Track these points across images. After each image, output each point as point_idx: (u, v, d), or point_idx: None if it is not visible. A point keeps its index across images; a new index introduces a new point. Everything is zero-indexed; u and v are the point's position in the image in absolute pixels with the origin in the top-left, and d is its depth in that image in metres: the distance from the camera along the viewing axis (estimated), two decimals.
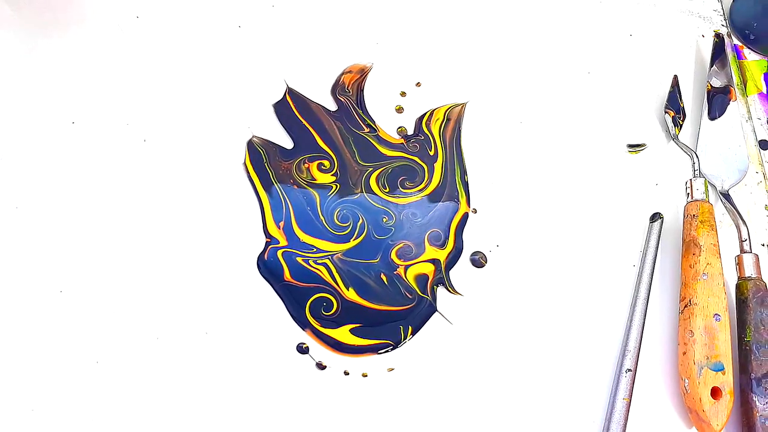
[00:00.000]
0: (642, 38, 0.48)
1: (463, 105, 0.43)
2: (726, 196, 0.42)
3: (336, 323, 0.36)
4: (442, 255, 0.39)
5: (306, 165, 0.40)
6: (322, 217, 0.38)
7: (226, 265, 0.37)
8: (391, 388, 0.35)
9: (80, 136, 0.39)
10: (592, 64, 0.46)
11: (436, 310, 0.37)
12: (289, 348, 0.35)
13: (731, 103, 0.45)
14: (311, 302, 0.36)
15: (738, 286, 0.38)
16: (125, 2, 0.43)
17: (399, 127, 0.42)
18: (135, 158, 0.39)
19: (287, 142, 0.40)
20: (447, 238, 0.39)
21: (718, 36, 0.47)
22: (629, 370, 0.36)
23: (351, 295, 0.37)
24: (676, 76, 0.46)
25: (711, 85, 0.45)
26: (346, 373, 0.35)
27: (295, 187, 0.39)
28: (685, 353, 0.36)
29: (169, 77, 0.41)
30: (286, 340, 0.35)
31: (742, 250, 0.39)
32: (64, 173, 0.38)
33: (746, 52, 0.48)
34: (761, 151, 0.44)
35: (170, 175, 0.38)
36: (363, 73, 0.43)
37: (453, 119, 0.43)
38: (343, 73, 0.43)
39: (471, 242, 0.39)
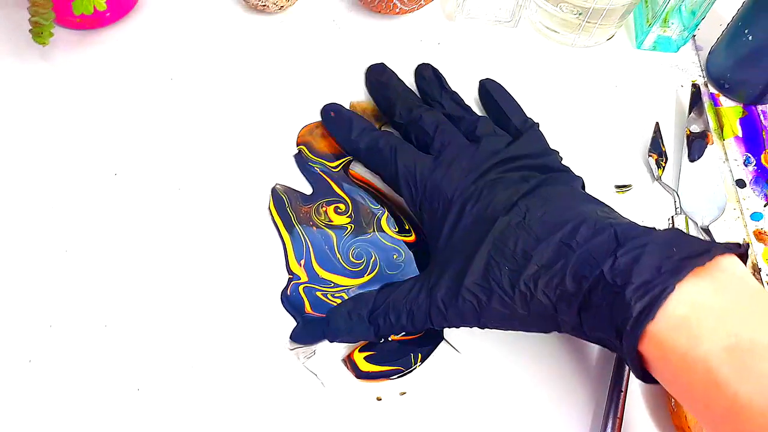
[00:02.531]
0: (627, 89, 0.52)
1: None
2: (706, 231, 0.46)
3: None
4: None
5: (324, 209, 0.44)
6: (338, 255, 0.42)
7: (254, 301, 0.41)
8: (404, 410, 0.38)
9: (122, 186, 0.44)
10: (582, 113, 0.51)
11: (444, 339, 0.40)
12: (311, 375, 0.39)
13: (709, 146, 0.49)
14: None
15: None
16: (161, 66, 0.49)
17: None
18: (171, 205, 0.43)
19: (307, 189, 0.45)
20: None
21: (695, 86, 0.52)
22: (621, 391, 0.39)
23: None
24: (657, 123, 0.50)
25: (690, 131, 0.50)
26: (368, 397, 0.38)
27: (314, 228, 0.43)
28: None
29: (201, 132, 0.46)
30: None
31: None
32: (109, 219, 0.42)
33: (722, 99, 0.53)
34: (738, 189, 0.48)
35: (202, 220, 0.43)
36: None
37: None
38: None
39: None
